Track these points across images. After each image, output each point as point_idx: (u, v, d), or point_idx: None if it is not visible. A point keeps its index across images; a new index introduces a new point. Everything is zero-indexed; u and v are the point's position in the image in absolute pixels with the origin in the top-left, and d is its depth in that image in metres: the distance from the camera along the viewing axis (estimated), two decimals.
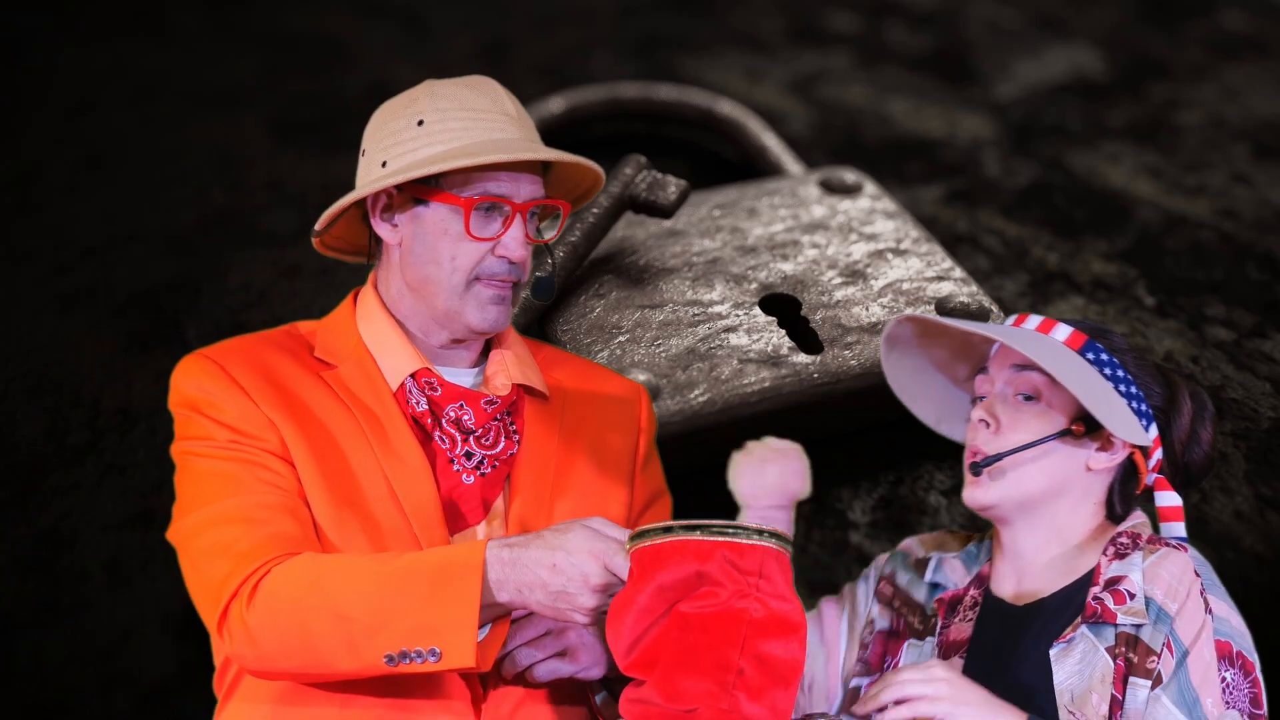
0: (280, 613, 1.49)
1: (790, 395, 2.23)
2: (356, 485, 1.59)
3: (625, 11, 3.89)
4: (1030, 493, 1.59)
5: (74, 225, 2.95)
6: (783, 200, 2.66)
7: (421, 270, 1.63)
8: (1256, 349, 2.57)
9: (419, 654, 1.46)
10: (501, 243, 1.62)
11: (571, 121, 3.05)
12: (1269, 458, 2.32)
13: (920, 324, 1.69)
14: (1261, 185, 3.11)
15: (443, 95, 1.66)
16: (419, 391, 1.64)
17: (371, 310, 1.69)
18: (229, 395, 1.60)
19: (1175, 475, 1.65)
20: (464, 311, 1.64)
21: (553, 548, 1.48)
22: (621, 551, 1.47)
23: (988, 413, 1.61)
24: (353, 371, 1.65)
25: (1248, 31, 3.83)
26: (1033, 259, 2.82)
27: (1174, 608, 1.51)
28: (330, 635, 1.48)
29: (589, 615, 1.49)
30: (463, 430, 1.64)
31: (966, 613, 1.61)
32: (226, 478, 1.57)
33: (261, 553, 1.52)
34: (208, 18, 3.85)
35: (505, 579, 1.48)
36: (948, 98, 3.47)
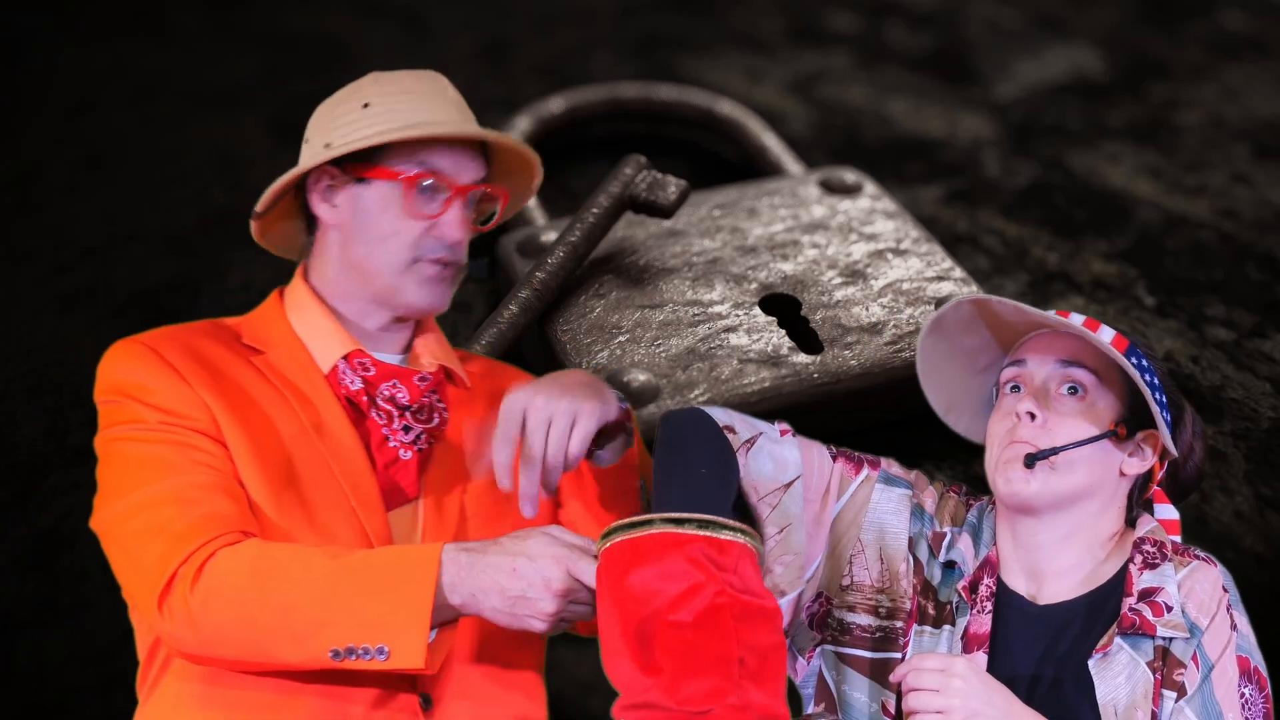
0: (226, 598, 1.48)
1: (790, 395, 2.23)
2: (292, 464, 1.59)
3: (625, 11, 3.89)
4: (1069, 490, 1.58)
5: (74, 225, 2.95)
6: (783, 200, 2.66)
7: (363, 248, 1.65)
8: (1256, 349, 2.57)
9: (366, 651, 1.45)
10: (439, 222, 1.64)
11: (571, 121, 3.05)
12: (1269, 458, 2.32)
13: (979, 306, 1.65)
14: (1261, 185, 3.11)
15: (387, 80, 1.70)
16: (352, 372, 1.66)
17: (301, 300, 1.71)
18: (160, 377, 1.60)
19: (1171, 488, 1.66)
20: (404, 289, 1.66)
21: (513, 553, 1.47)
22: (585, 557, 1.47)
23: (1036, 405, 1.58)
24: (282, 356, 1.67)
25: (1248, 31, 3.83)
26: (1033, 259, 2.82)
27: (1204, 622, 1.51)
28: (276, 626, 1.46)
29: (548, 621, 1.48)
30: (398, 406, 1.66)
31: (984, 603, 1.59)
32: (157, 461, 1.56)
33: (199, 533, 1.51)
34: (208, 18, 3.85)
35: (460, 582, 1.47)
36: (948, 98, 3.47)
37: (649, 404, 2.19)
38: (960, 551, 1.63)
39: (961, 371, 1.72)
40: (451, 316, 2.61)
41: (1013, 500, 1.59)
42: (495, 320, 2.28)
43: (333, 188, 1.67)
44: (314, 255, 1.72)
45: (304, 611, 1.46)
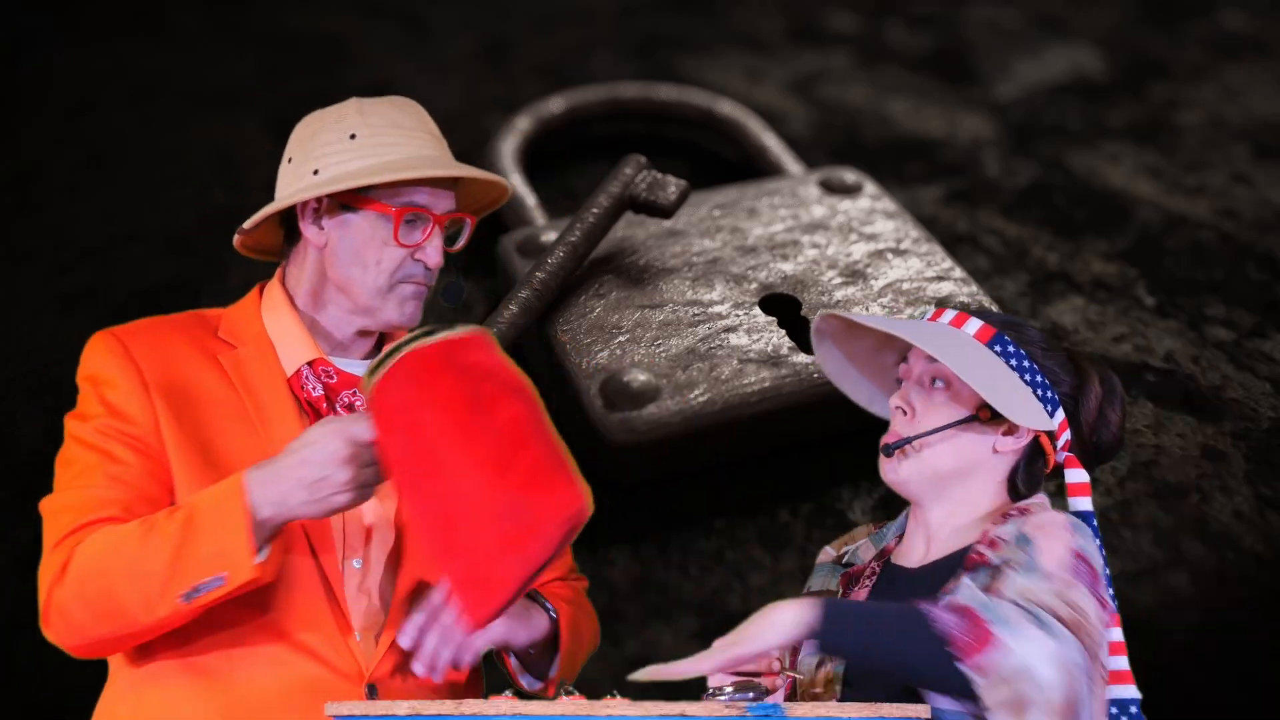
0: (85, 583, 1.62)
1: (790, 395, 2.23)
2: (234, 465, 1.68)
3: (625, 11, 3.89)
4: (939, 471, 1.70)
5: (74, 225, 2.95)
6: (783, 200, 2.66)
7: (347, 271, 1.77)
8: (1256, 349, 2.57)
9: (206, 584, 1.58)
10: (423, 249, 1.77)
11: (571, 121, 3.05)
12: (1269, 458, 2.32)
13: (842, 321, 1.80)
14: (1261, 185, 3.11)
15: (372, 112, 1.80)
16: (315, 378, 1.77)
17: (277, 302, 1.82)
18: (121, 374, 1.73)
19: (1085, 454, 1.76)
20: (385, 308, 1.77)
21: (296, 449, 1.60)
22: (360, 419, 1.60)
23: (903, 400, 1.73)
24: (250, 354, 1.78)
25: (1248, 31, 3.83)
26: (1033, 259, 2.82)
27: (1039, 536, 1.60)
28: (133, 593, 1.60)
29: (350, 490, 1.60)
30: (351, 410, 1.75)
31: (864, 581, 1.72)
32: (82, 467, 1.70)
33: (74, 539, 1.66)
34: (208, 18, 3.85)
35: (265, 495, 1.59)
36: (948, 98, 3.47)
37: (649, 404, 2.19)
38: (858, 555, 1.78)
39: (875, 367, 1.84)
40: (451, 317, 2.60)
41: (889, 484, 1.72)
42: (495, 320, 2.28)
43: (320, 212, 1.77)
44: (292, 263, 1.82)
45: (151, 573, 1.59)
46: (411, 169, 1.74)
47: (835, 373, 1.84)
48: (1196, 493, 2.25)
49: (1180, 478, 2.27)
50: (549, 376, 2.35)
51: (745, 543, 2.18)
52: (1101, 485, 2.24)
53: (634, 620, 2.09)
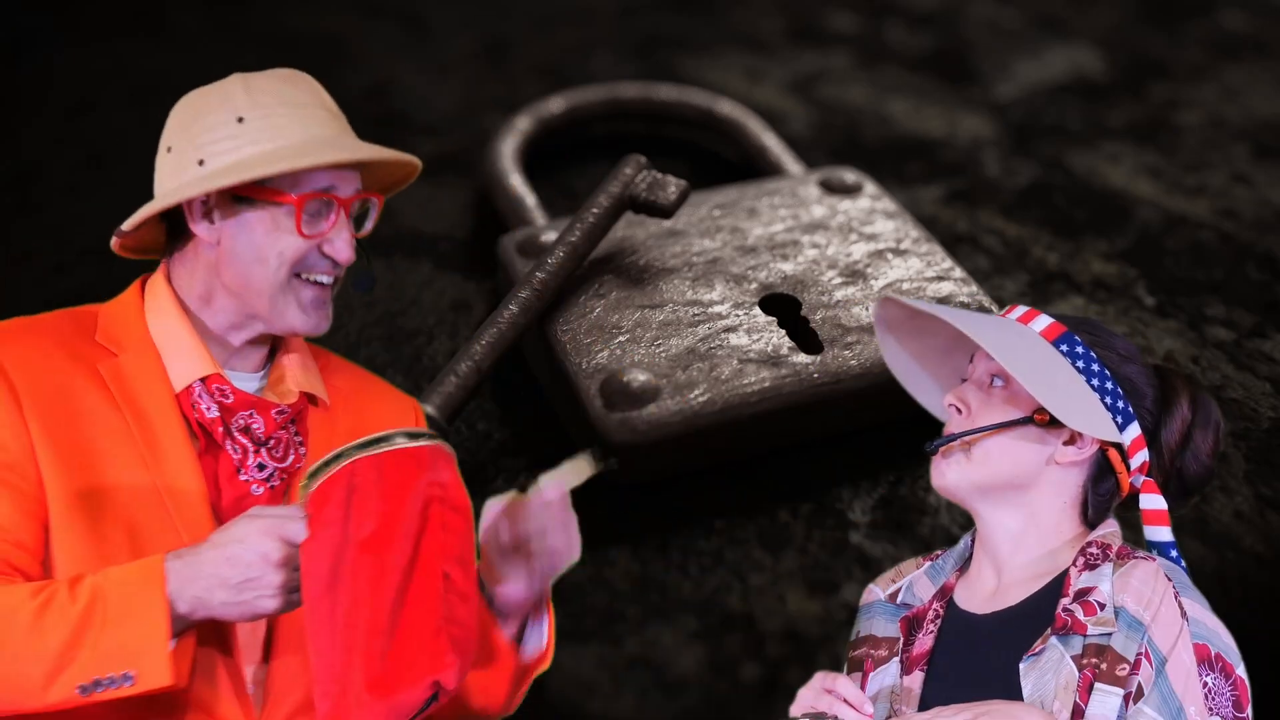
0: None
1: (790, 395, 2.23)
2: (120, 494, 1.53)
3: (625, 11, 3.89)
4: (990, 477, 1.57)
5: (74, 225, 2.95)
6: (783, 200, 2.66)
7: (245, 269, 1.58)
8: (1256, 349, 2.57)
9: (112, 680, 1.42)
10: (329, 241, 1.59)
11: (571, 121, 3.05)
12: (1269, 458, 2.32)
13: (902, 308, 1.67)
14: (1261, 185, 3.11)
15: (260, 90, 1.61)
16: (209, 397, 1.59)
17: (163, 303, 1.64)
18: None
19: (1167, 482, 1.63)
20: (286, 312, 1.60)
21: (223, 544, 1.45)
22: (295, 517, 1.45)
23: (958, 398, 1.60)
24: (134, 364, 1.59)
25: (1248, 31, 3.83)
26: (1033, 259, 2.82)
27: (1147, 616, 1.49)
28: (17, 675, 1.42)
29: (279, 595, 1.45)
30: (254, 440, 1.60)
31: (928, 626, 1.59)
32: None
33: None
34: (208, 18, 3.85)
35: (183, 588, 1.44)
36: (948, 98, 3.47)
37: (649, 404, 2.19)
38: (914, 594, 1.65)
39: (949, 370, 1.72)
40: (451, 317, 2.61)
41: (938, 489, 1.60)
42: (495, 320, 2.28)
43: (209, 206, 1.60)
44: (179, 262, 1.65)
45: (42, 657, 1.42)
46: (312, 154, 1.55)
47: (905, 374, 1.72)
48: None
49: None
50: (549, 376, 2.35)
51: (745, 543, 2.18)
52: None
53: (634, 620, 2.09)
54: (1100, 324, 1.64)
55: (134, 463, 1.54)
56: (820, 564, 2.14)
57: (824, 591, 2.12)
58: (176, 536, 1.54)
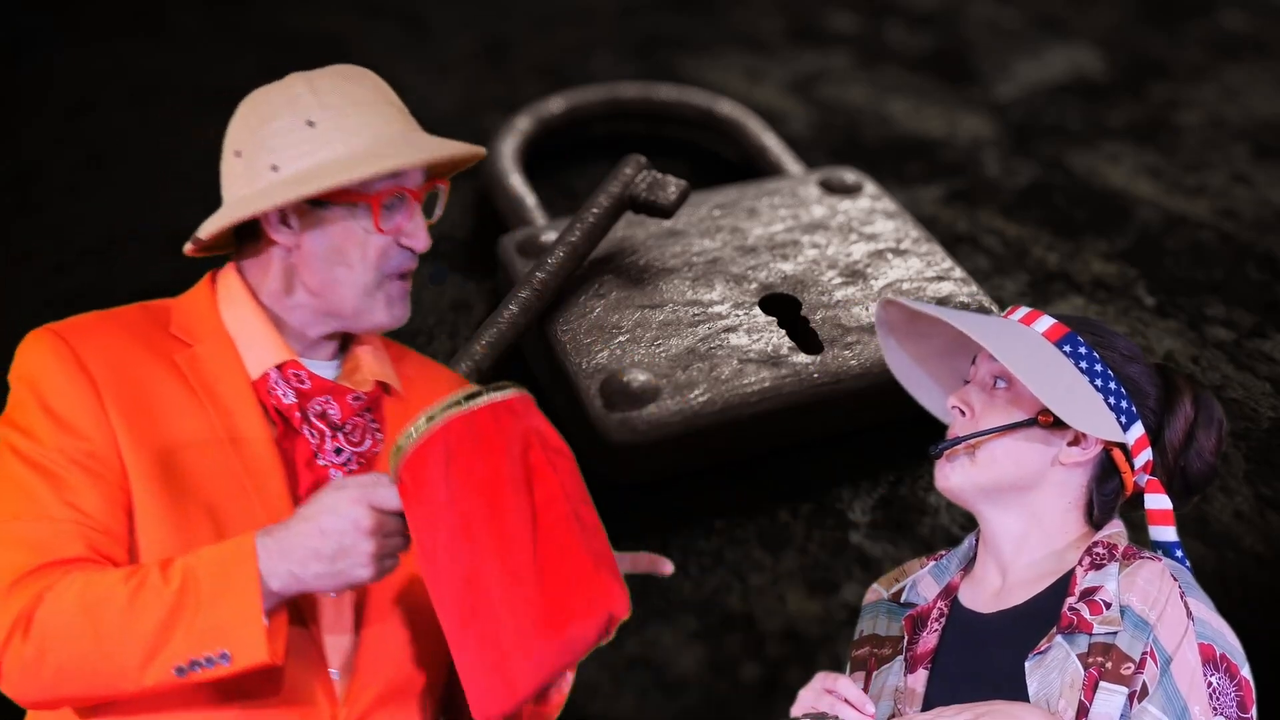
0: (58, 643, 1.44)
1: (790, 395, 2.23)
2: (202, 481, 1.54)
3: (625, 11, 3.89)
4: (995, 479, 1.57)
5: (74, 225, 2.95)
6: (783, 200, 2.66)
7: (328, 271, 1.59)
8: (1256, 349, 2.57)
9: (209, 660, 1.42)
10: (406, 233, 1.59)
11: (571, 121, 3.05)
12: (1269, 458, 2.32)
13: (903, 310, 1.67)
14: (1261, 185, 3.11)
15: (326, 90, 1.60)
16: (285, 384, 1.59)
17: (236, 295, 1.64)
18: (69, 380, 1.54)
19: (1171, 481, 1.63)
20: (373, 310, 1.61)
21: (313, 516, 1.44)
22: (383, 483, 1.45)
23: (962, 400, 1.60)
24: (209, 354, 1.60)
25: (1248, 31, 3.83)
26: (1033, 259, 2.82)
27: (1153, 616, 1.49)
28: (114, 658, 1.43)
29: (373, 563, 1.45)
30: (330, 425, 1.61)
31: (933, 625, 1.59)
32: (27, 491, 1.51)
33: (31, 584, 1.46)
34: (208, 18, 3.85)
35: (276, 565, 1.43)
36: (948, 98, 3.47)
37: (649, 404, 2.19)
38: (919, 592, 1.64)
39: (949, 370, 1.72)
40: (452, 317, 2.61)
41: (942, 491, 1.59)
42: (495, 320, 2.28)
43: (285, 211, 1.60)
44: (251, 258, 1.65)
45: (138, 639, 1.43)
46: (390, 156, 1.55)
47: (908, 376, 1.71)
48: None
49: None
50: (549, 376, 2.35)
51: (745, 543, 2.18)
52: None
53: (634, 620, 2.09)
54: (1102, 324, 1.64)
55: (215, 450, 1.55)
56: (820, 564, 2.14)
57: (824, 591, 2.11)
58: (257, 520, 1.53)
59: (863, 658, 1.66)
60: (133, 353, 1.58)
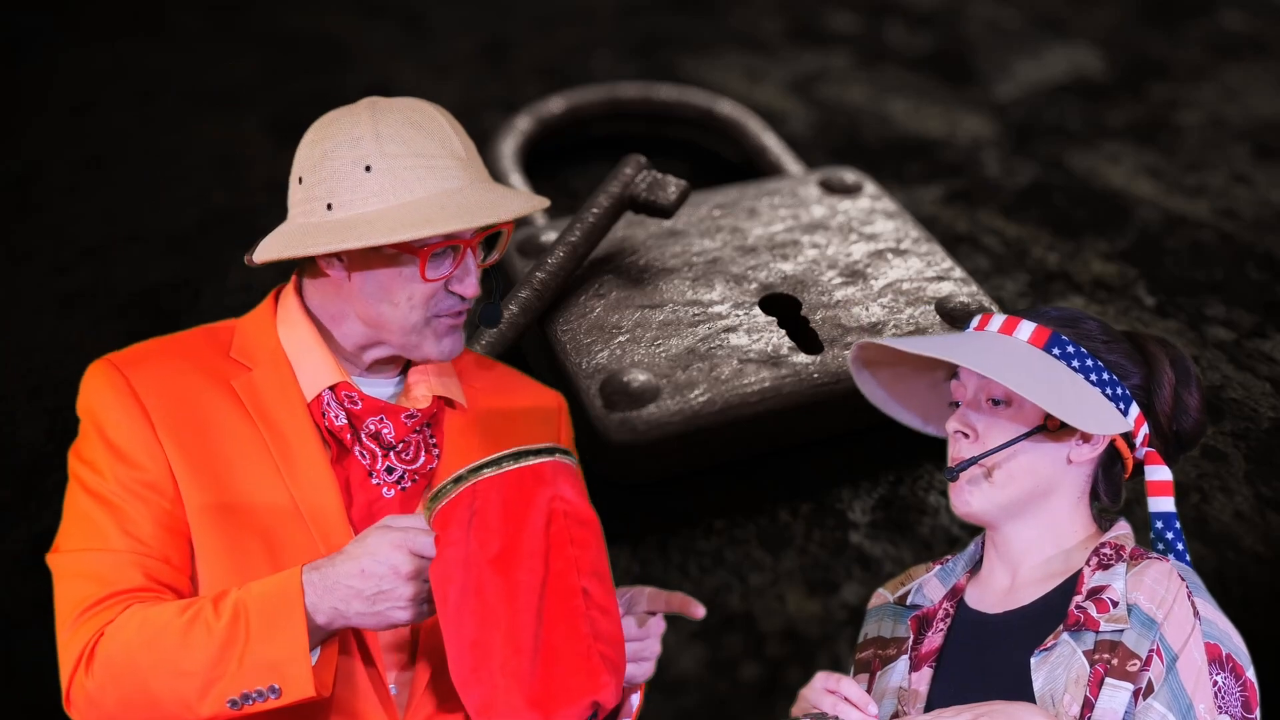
0: (119, 676, 1.50)
1: (790, 395, 2.23)
2: (256, 507, 1.57)
3: (625, 11, 3.89)
4: (1016, 495, 1.58)
5: (74, 225, 2.95)
6: (783, 200, 2.66)
7: (375, 308, 1.60)
8: (1256, 349, 2.57)
9: (260, 694, 1.47)
10: (455, 279, 1.60)
11: (571, 121, 3.05)
12: (1269, 458, 2.32)
13: (878, 348, 1.67)
14: (1261, 185, 3.11)
15: (389, 139, 1.58)
16: (338, 405, 1.62)
17: (294, 316, 1.66)
18: (125, 413, 1.58)
19: (1166, 446, 1.64)
20: (422, 344, 1.62)
21: (356, 556, 1.48)
22: (422, 531, 1.47)
23: (962, 422, 1.60)
24: (267, 377, 1.62)
25: (1248, 31, 3.83)
26: (1033, 259, 2.82)
27: (1160, 614, 1.49)
28: (172, 691, 1.48)
29: (411, 606, 1.48)
30: (383, 445, 1.63)
31: (938, 625, 1.60)
32: (92, 522, 1.56)
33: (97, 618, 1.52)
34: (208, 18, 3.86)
35: (320, 601, 1.48)
36: (948, 98, 3.47)
37: (649, 404, 2.19)
38: (924, 595, 1.65)
39: (923, 386, 1.72)
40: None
41: (965, 517, 1.60)
42: None
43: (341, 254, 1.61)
44: (310, 278, 1.66)
45: (194, 671, 1.48)
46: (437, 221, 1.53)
47: (883, 399, 1.72)
48: (1196, 493, 2.25)
49: (1180, 478, 2.27)
50: (549, 376, 2.35)
51: (745, 543, 2.18)
52: None
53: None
54: (1072, 311, 1.63)
55: (269, 475, 1.58)
56: (820, 564, 2.14)
57: (824, 591, 2.11)
58: (314, 546, 1.57)
59: (867, 660, 1.66)
60: (189, 380, 1.61)
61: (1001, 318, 1.61)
